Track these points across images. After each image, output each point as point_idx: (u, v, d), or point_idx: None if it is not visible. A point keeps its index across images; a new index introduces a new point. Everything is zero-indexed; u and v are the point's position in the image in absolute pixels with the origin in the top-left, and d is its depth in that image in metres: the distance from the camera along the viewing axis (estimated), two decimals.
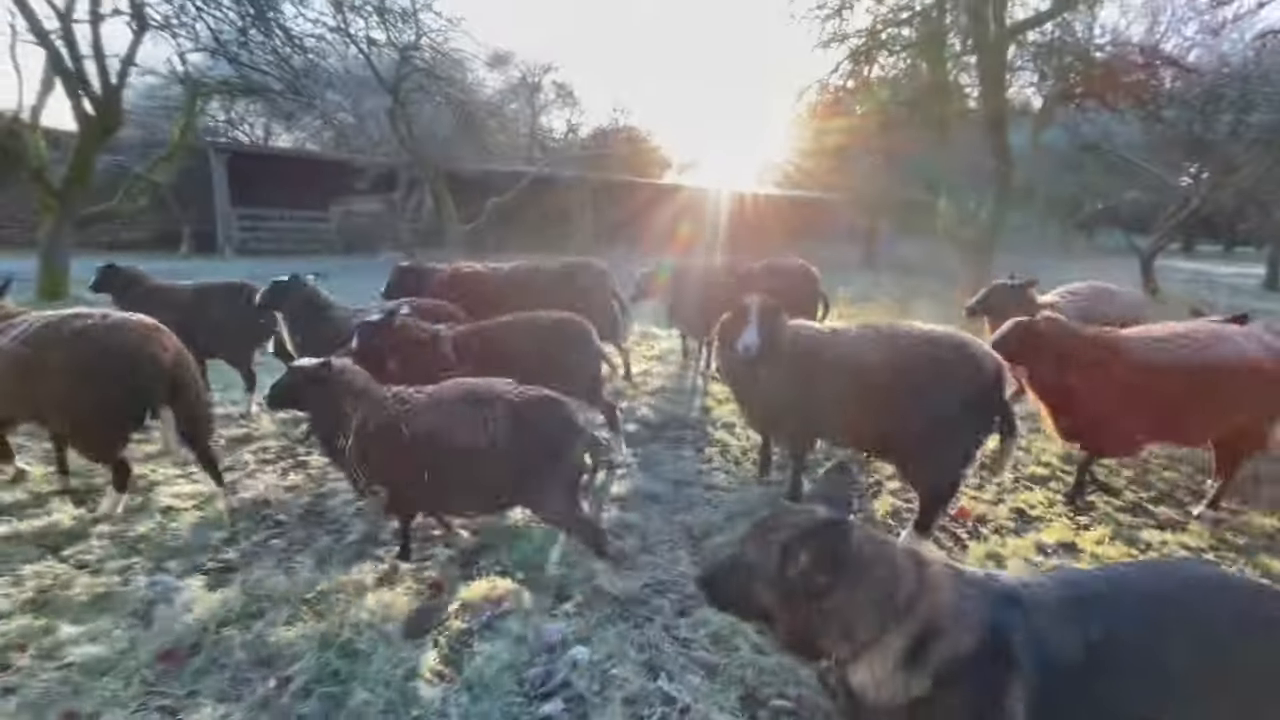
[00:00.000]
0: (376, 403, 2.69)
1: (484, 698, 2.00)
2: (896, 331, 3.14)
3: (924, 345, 3.00)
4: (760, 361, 3.14)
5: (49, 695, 1.99)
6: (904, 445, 3.05)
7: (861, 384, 3.02)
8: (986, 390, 2.89)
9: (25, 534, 2.96)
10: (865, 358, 3.05)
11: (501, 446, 2.50)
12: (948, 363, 2.90)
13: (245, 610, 2.39)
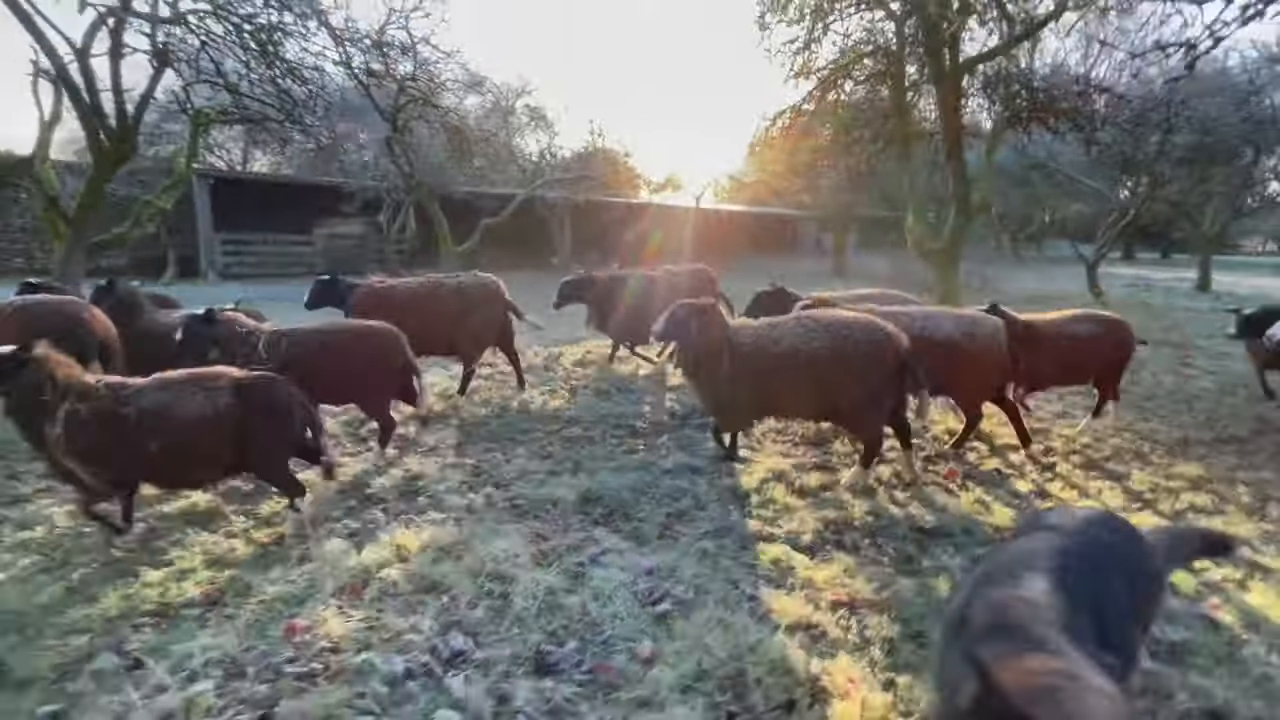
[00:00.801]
0: (84, 390, 2.85)
1: (610, 604, 2.59)
2: (822, 321, 3.91)
3: (847, 330, 3.80)
4: (689, 355, 3.92)
5: (263, 618, 2.51)
6: (844, 411, 3.88)
7: (803, 366, 3.76)
8: (896, 361, 3.74)
9: (171, 514, 3.43)
10: (806, 345, 3.79)
11: (225, 421, 2.98)
12: (866, 343, 3.73)
13: (394, 558, 2.93)
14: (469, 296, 5.69)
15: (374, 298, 5.49)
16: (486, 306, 5.76)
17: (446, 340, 5.58)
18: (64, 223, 9.21)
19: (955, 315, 4.47)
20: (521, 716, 2.00)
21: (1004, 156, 15.17)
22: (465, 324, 5.59)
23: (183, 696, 2.06)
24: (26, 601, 2.61)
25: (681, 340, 3.96)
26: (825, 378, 3.75)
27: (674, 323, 3.90)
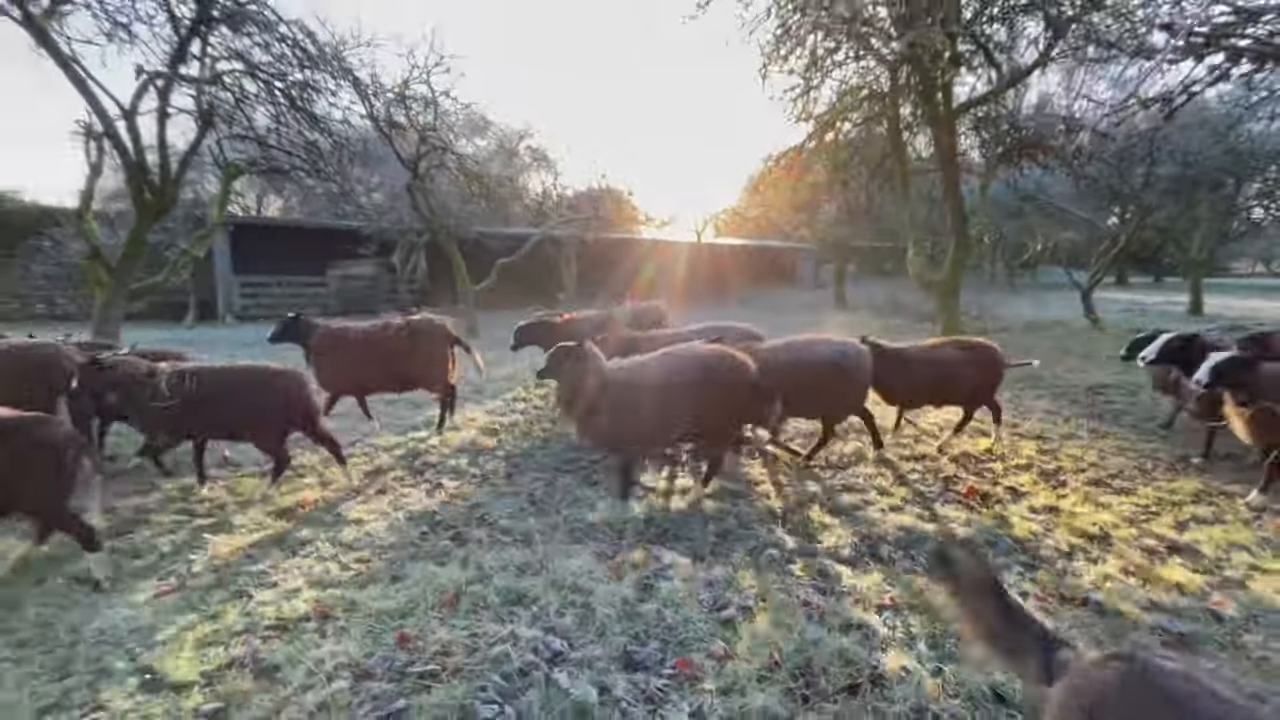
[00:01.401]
0: None
1: (680, 610, 2.91)
2: (686, 354, 4.38)
3: (706, 361, 4.29)
4: (563, 393, 4.31)
5: (374, 629, 2.83)
6: (706, 431, 4.37)
7: (670, 397, 4.17)
8: (749, 386, 4.28)
9: (262, 540, 3.75)
10: (670, 379, 4.21)
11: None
12: (724, 371, 4.24)
13: (479, 576, 3.25)
14: (418, 336, 6.10)
15: (330, 338, 5.95)
16: (433, 345, 6.14)
17: (398, 377, 6.05)
18: (106, 272, 9.66)
19: (830, 343, 5.04)
20: (624, 703, 2.31)
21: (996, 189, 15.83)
22: (414, 362, 6.01)
23: (325, 693, 2.38)
24: (158, 618, 2.92)
25: (556, 378, 4.33)
26: (694, 406, 4.19)
27: (551, 363, 4.31)
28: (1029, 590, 3.14)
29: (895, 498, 4.40)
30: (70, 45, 8.84)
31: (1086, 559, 3.49)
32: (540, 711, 2.26)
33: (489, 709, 2.26)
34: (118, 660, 2.62)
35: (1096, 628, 2.85)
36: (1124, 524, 3.94)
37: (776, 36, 10.39)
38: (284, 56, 10.47)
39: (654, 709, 2.29)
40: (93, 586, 3.19)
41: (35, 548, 3.38)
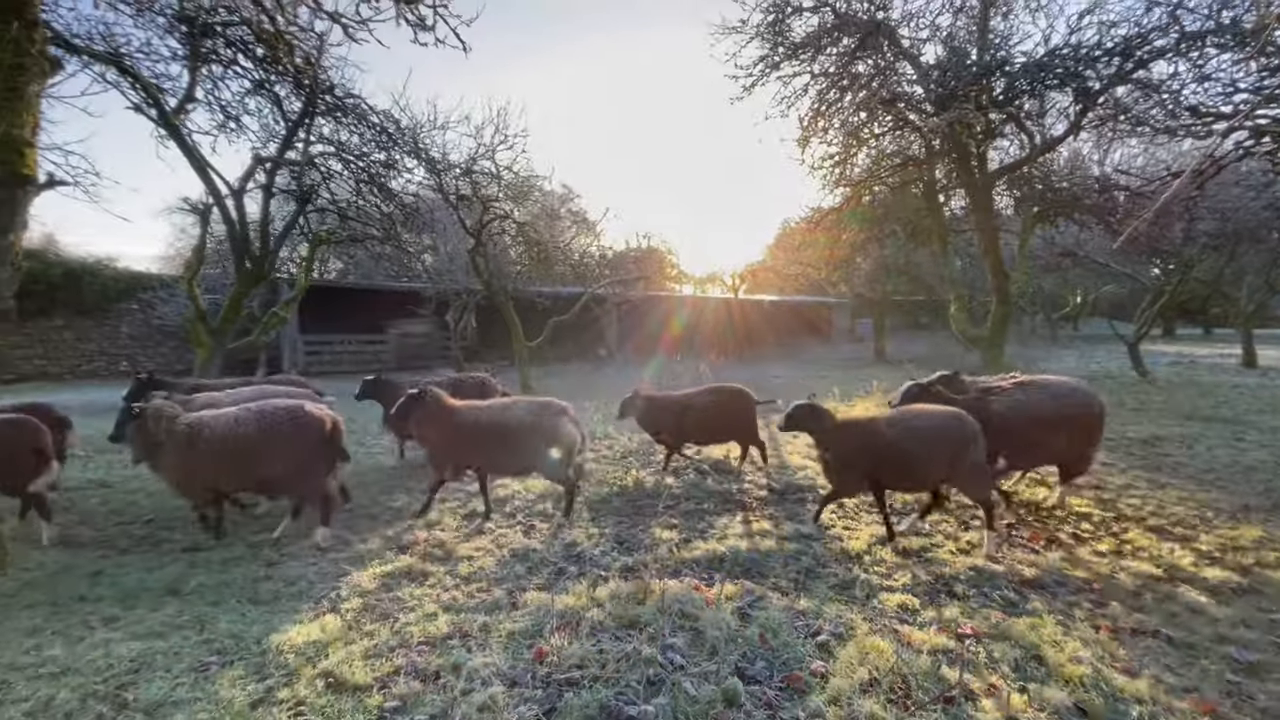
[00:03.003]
0: None
1: (778, 635, 3.25)
2: (253, 411, 4.73)
3: (269, 416, 4.70)
4: (138, 448, 4.61)
5: (510, 646, 3.24)
6: (278, 481, 4.80)
7: (233, 450, 4.56)
8: (321, 439, 4.78)
9: (392, 572, 4.23)
10: (239, 432, 4.60)
11: None
12: (289, 424, 4.69)
13: (592, 604, 3.65)
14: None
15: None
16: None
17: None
18: (208, 332, 10.65)
19: (528, 402, 5.53)
20: (746, 706, 2.66)
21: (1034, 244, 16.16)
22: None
23: (485, 695, 2.79)
24: (325, 634, 3.39)
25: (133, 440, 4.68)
26: (259, 455, 4.60)
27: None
28: (1100, 624, 3.39)
29: (961, 542, 4.67)
30: (190, 136, 10.08)
31: (1154, 598, 3.72)
32: (674, 712, 2.63)
33: (631, 709, 2.63)
34: (301, 666, 3.08)
35: (1168, 658, 3.09)
36: (1188, 567, 4.14)
37: (815, 110, 11.21)
38: (370, 140, 11.69)
39: (772, 713, 2.64)
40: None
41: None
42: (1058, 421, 5.10)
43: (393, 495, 6.23)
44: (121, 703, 2.78)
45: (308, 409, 4.84)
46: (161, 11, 8.42)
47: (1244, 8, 6.66)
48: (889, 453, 4.56)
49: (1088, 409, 5.24)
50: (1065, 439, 5.14)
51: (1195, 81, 6.79)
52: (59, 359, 18.79)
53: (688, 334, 24.99)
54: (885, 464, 4.61)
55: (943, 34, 10.53)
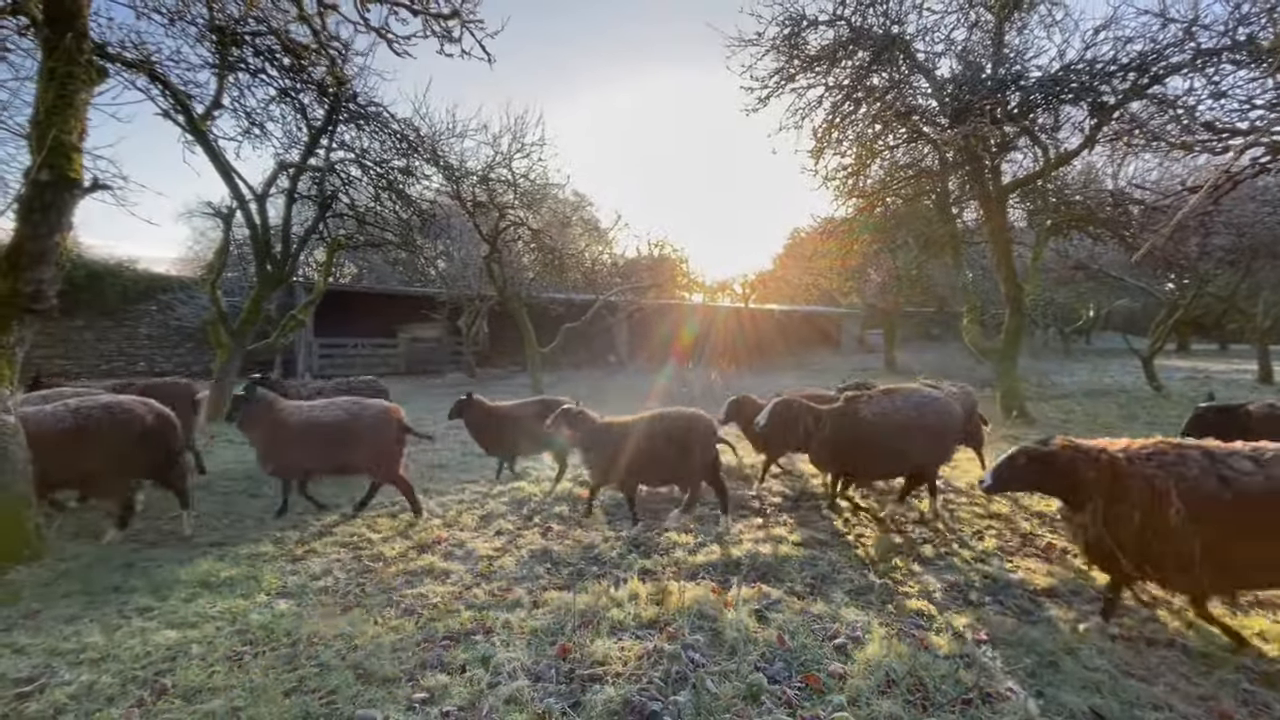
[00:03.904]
0: None
1: (796, 637, 3.31)
2: (70, 408, 4.83)
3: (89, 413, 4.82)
4: None
5: (533, 642, 3.31)
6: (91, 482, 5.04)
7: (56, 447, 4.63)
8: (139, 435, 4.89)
9: (414, 570, 4.32)
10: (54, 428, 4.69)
11: None
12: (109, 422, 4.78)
13: (611, 603, 3.72)
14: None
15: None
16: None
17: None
18: (228, 334, 10.84)
19: (348, 401, 5.71)
20: (766, 704, 2.72)
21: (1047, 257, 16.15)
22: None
23: (511, 688, 2.86)
24: (351, 627, 3.48)
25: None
26: (76, 454, 4.71)
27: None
28: (1116, 634, 3.42)
29: (976, 550, 4.71)
30: (216, 142, 10.31)
31: (1170, 609, 3.74)
32: (696, 708, 2.69)
33: (654, 704, 2.70)
34: (331, 657, 3.16)
35: (1184, 668, 3.12)
36: None
37: (830, 122, 11.30)
38: (390, 147, 11.90)
39: (792, 710, 2.69)
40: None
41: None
42: (916, 429, 5.30)
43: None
44: (160, 689, 2.87)
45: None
46: (193, 21, 8.66)
47: (1261, 25, 6.71)
48: (639, 450, 5.21)
49: (948, 418, 5.46)
50: (923, 446, 5.34)
51: (1211, 97, 6.85)
52: (79, 358, 19.10)
53: (699, 342, 25.07)
54: (636, 460, 5.23)
55: (958, 48, 10.61)
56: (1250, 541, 2.99)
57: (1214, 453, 3.19)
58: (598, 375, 21.40)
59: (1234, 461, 3.10)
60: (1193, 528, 3.03)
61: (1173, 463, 3.19)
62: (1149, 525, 3.15)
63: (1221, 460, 3.12)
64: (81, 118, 4.19)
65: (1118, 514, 3.25)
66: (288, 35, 8.43)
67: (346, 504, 5.90)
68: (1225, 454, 3.16)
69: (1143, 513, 3.16)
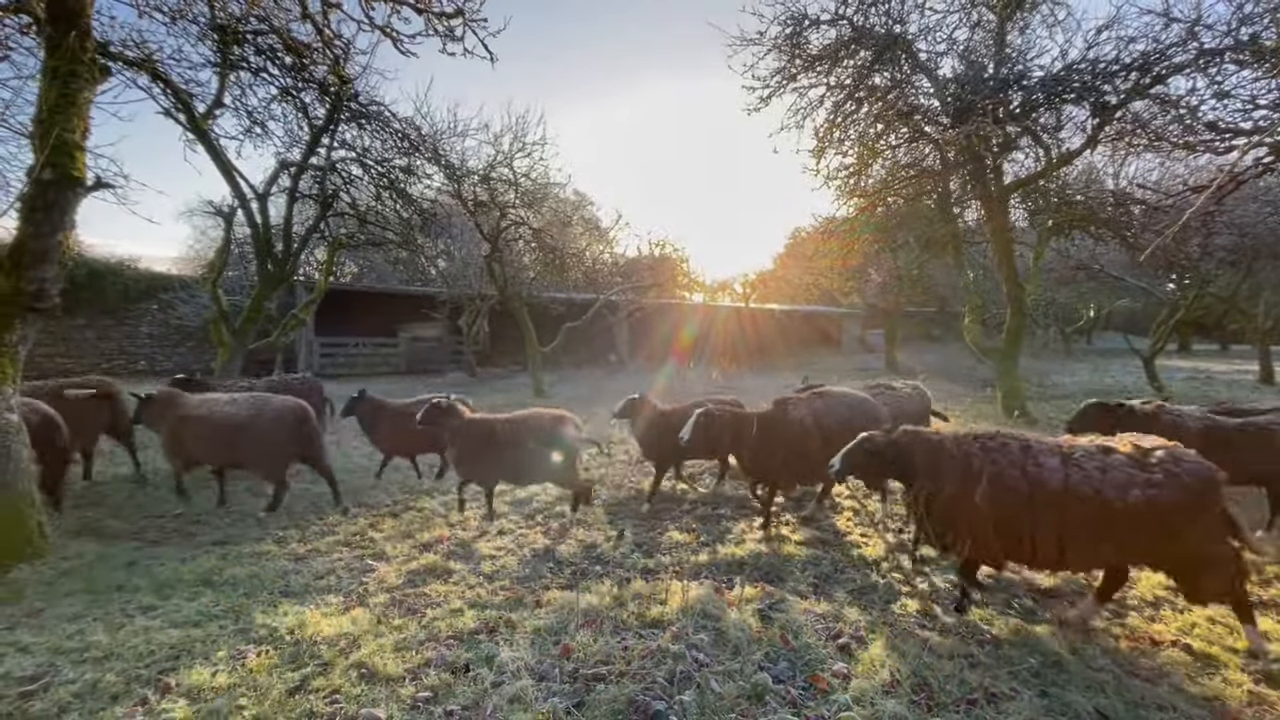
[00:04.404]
0: None
1: (799, 637, 3.30)
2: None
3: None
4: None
5: (536, 641, 3.31)
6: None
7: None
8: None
9: (417, 570, 4.32)
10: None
11: None
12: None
13: (615, 603, 3.72)
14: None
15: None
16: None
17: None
18: (229, 333, 10.84)
19: (251, 397, 5.82)
20: (770, 704, 2.72)
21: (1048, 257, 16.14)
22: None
23: (515, 688, 2.86)
24: (354, 627, 3.47)
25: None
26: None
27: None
28: (1120, 634, 3.42)
29: None
30: (218, 141, 10.30)
31: (1173, 609, 3.74)
32: (700, 707, 2.69)
33: (659, 703, 2.70)
34: (334, 656, 3.16)
35: (1189, 667, 3.12)
36: None
37: (831, 122, 11.29)
38: (391, 146, 11.89)
39: (797, 710, 2.69)
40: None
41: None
42: (848, 432, 5.22)
43: (414, 495, 6.33)
44: (165, 687, 2.87)
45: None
46: (195, 20, 8.64)
47: (1264, 25, 6.70)
48: (503, 446, 5.33)
49: (875, 420, 5.37)
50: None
51: (1214, 97, 6.84)
52: (80, 357, 19.10)
53: (699, 342, 25.06)
54: (502, 457, 5.35)
55: (959, 48, 10.60)
56: (1046, 530, 3.26)
57: (1032, 446, 3.44)
58: (598, 375, 21.39)
59: (1043, 458, 3.35)
60: (992, 510, 3.34)
61: (993, 450, 3.47)
62: (957, 502, 3.46)
63: (1033, 455, 3.38)
64: (84, 116, 4.19)
65: (935, 490, 3.58)
66: (289, 34, 8.42)
67: (348, 503, 5.91)
68: (1040, 449, 3.41)
69: (955, 491, 3.47)
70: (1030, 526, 3.28)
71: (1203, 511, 3.12)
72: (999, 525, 3.35)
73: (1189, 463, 3.15)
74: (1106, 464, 3.22)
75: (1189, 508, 3.07)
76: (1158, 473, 3.12)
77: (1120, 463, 3.21)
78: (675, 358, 23.28)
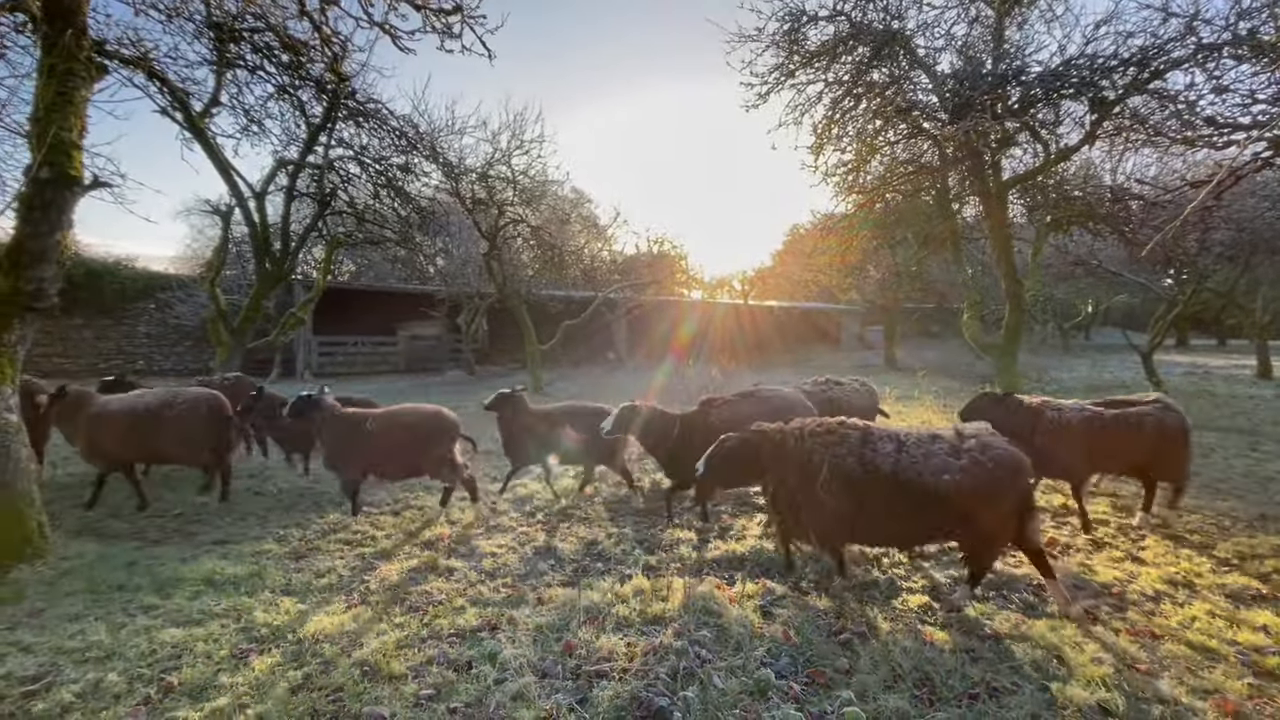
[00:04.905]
0: None
1: (801, 632, 3.31)
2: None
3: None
4: None
5: (539, 639, 3.31)
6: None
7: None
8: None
9: (418, 567, 4.32)
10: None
11: None
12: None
13: (616, 600, 3.72)
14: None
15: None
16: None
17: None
18: (228, 332, 10.82)
19: (162, 391, 6.01)
20: (773, 700, 2.72)
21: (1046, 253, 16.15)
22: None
23: (518, 685, 2.86)
24: (357, 626, 3.48)
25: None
26: None
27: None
28: (1120, 628, 3.43)
29: None
30: (214, 139, 10.27)
31: (1173, 603, 3.75)
32: (702, 703, 2.69)
33: (662, 700, 2.70)
34: (336, 655, 3.16)
35: (1189, 661, 3.13)
36: (1206, 574, 4.17)
37: (829, 118, 11.27)
38: (388, 144, 11.86)
39: (799, 706, 2.70)
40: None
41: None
42: None
43: (414, 493, 6.33)
44: (167, 686, 2.87)
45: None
46: (190, 18, 8.61)
47: (1262, 19, 6.70)
48: (374, 442, 5.31)
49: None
50: None
51: (1213, 92, 6.84)
52: (78, 356, 19.08)
53: (697, 339, 25.05)
54: (375, 452, 5.34)
55: (958, 44, 10.59)
56: (877, 511, 3.60)
57: (870, 434, 3.72)
58: (597, 372, 21.39)
59: (879, 444, 3.65)
60: (834, 496, 3.61)
61: (834, 441, 3.73)
62: (802, 491, 3.71)
63: (870, 443, 3.67)
64: (81, 115, 4.17)
65: (782, 481, 3.82)
66: (286, 31, 8.39)
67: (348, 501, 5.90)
68: (878, 437, 3.70)
69: (799, 480, 3.71)
70: (866, 507, 3.58)
71: (1004, 495, 3.48)
72: (839, 509, 3.61)
73: (995, 450, 3.53)
74: (930, 450, 3.57)
75: (991, 491, 3.45)
76: (966, 459, 3.49)
77: (941, 450, 3.57)
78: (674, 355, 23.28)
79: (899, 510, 3.55)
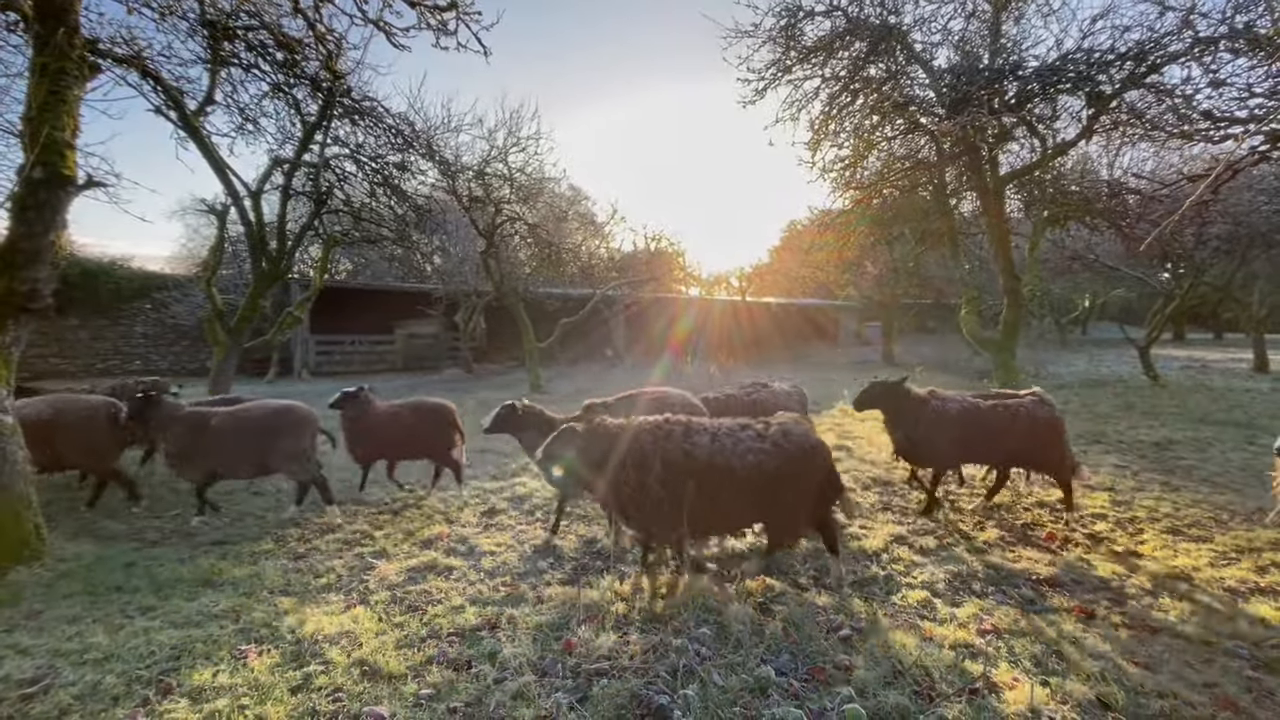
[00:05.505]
0: None
1: (800, 629, 3.31)
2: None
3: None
4: None
5: (539, 637, 3.31)
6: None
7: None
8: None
9: (417, 566, 4.31)
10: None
11: None
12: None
13: (615, 598, 3.72)
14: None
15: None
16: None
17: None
18: (225, 332, 10.78)
19: (55, 398, 5.82)
20: (774, 697, 2.72)
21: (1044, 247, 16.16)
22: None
23: (518, 684, 2.86)
24: (355, 625, 3.47)
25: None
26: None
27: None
28: (1118, 621, 3.44)
29: (978, 541, 4.72)
30: (209, 138, 10.20)
31: (1171, 596, 3.76)
32: (702, 701, 2.69)
33: (662, 697, 2.70)
34: (336, 655, 3.16)
35: (1187, 654, 3.14)
36: (1205, 567, 4.18)
37: (826, 114, 11.25)
38: (384, 142, 11.81)
39: (799, 703, 2.70)
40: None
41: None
42: None
43: (415, 492, 6.31)
44: (166, 688, 2.86)
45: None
46: (184, 16, 8.55)
47: (1259, 12, 6.69)
48: (215, 440, 5.19)
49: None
50: None
51: (1209, 86, 6.84)
52: (74, 357, 19.01)
53: (695, 336, 25.03)
54: (216, 451, 5.21)
55: (955, 38, 10.56)
56: (705, 499, 3.65)
57: (691, 427, 3.79)
58: (595, 370, 21.38)
59: (697, 437, 3.74)
60: (664, 489, 3.62)
61: (663, 435, 3.74)
62: (639, 485, 3.67)
63: (690, 435, 3.75)
64: (74, 114, 4.14)
65: (621, 477, 3.71)
66: (280, 29, 8.34)
67: (349, 501, 5.89)
68: (696, 429, 3.78)
69: (636, 475, 3.67)
70: (692, 498, 3.63)
71: (802, 474, 3.73)
72: (672, 501, 3.64)
73: (794, 434, 3.79)
74: (739, 438, 3.76)
75: (789, 471, 3.69)
76: (769, 443, 3.73)
77: (749, 436, 3.77)
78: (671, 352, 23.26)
79: (719, 496, 3.66)
